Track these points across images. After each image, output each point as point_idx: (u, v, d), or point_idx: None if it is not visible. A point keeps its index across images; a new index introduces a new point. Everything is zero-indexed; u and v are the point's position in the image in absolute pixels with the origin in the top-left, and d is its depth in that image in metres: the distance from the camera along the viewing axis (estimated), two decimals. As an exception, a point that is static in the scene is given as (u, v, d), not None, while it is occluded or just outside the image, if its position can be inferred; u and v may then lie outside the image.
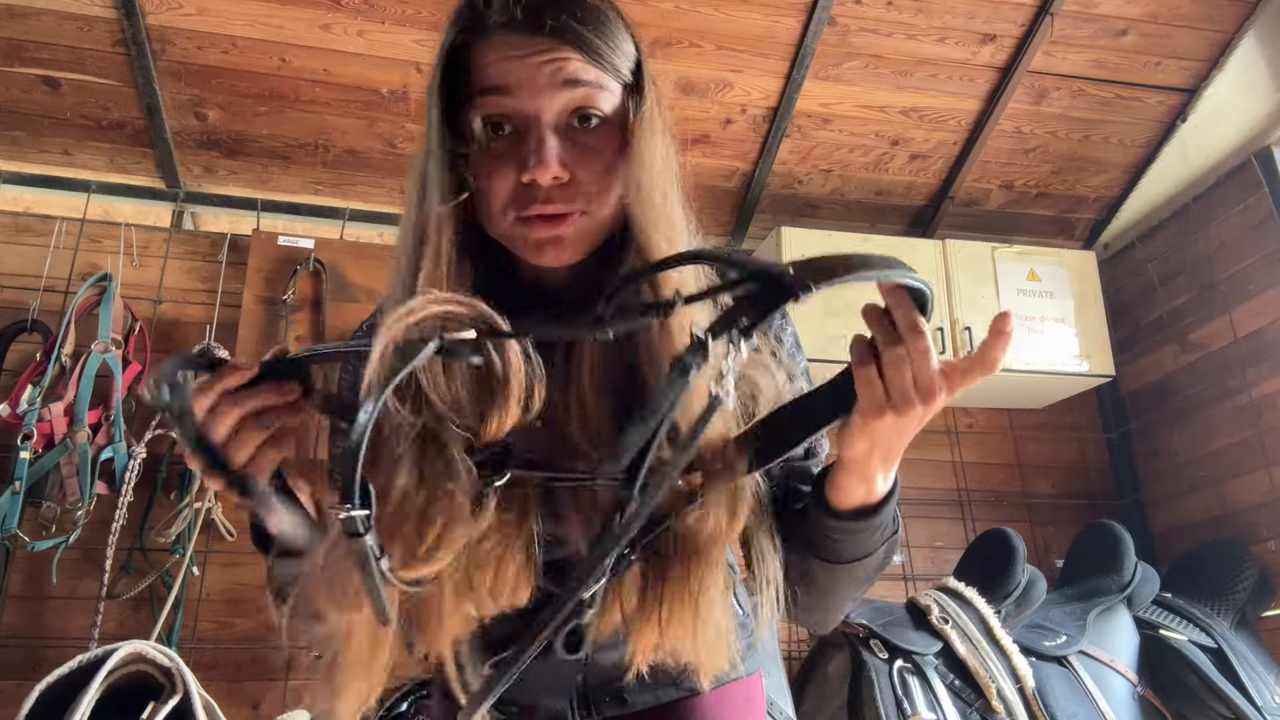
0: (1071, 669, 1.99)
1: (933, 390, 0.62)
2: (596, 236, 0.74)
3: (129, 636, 1.74)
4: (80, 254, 2.48)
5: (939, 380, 0.62)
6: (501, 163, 0.71)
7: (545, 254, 0.73)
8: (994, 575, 2.11)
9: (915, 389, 0.62)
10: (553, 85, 0.70)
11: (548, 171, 0.69)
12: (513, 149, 0.71)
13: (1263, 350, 2.53)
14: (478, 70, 0.71)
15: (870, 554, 0.74)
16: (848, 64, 2.57)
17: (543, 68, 0.70)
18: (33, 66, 2.32)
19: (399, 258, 0.75)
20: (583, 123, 0.72)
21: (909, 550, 2.79)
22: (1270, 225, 2.52)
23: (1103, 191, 3.02)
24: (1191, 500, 2.74)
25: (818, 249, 2.91)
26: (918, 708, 1.78)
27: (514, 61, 0.70)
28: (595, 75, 0.71)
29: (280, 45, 2.35)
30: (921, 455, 2.91)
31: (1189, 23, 2.56)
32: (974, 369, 0.62)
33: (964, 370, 0.63)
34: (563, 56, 0.70)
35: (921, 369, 0.62)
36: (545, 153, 0.69)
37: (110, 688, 1.41)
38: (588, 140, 0.72)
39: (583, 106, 0.71)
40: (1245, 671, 2.11)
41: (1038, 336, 2.71)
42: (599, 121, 0.72)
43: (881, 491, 0.71)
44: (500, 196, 0.71)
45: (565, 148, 0.71)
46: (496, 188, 0.71)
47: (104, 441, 2.18)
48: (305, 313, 2.52)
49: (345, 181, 2.71)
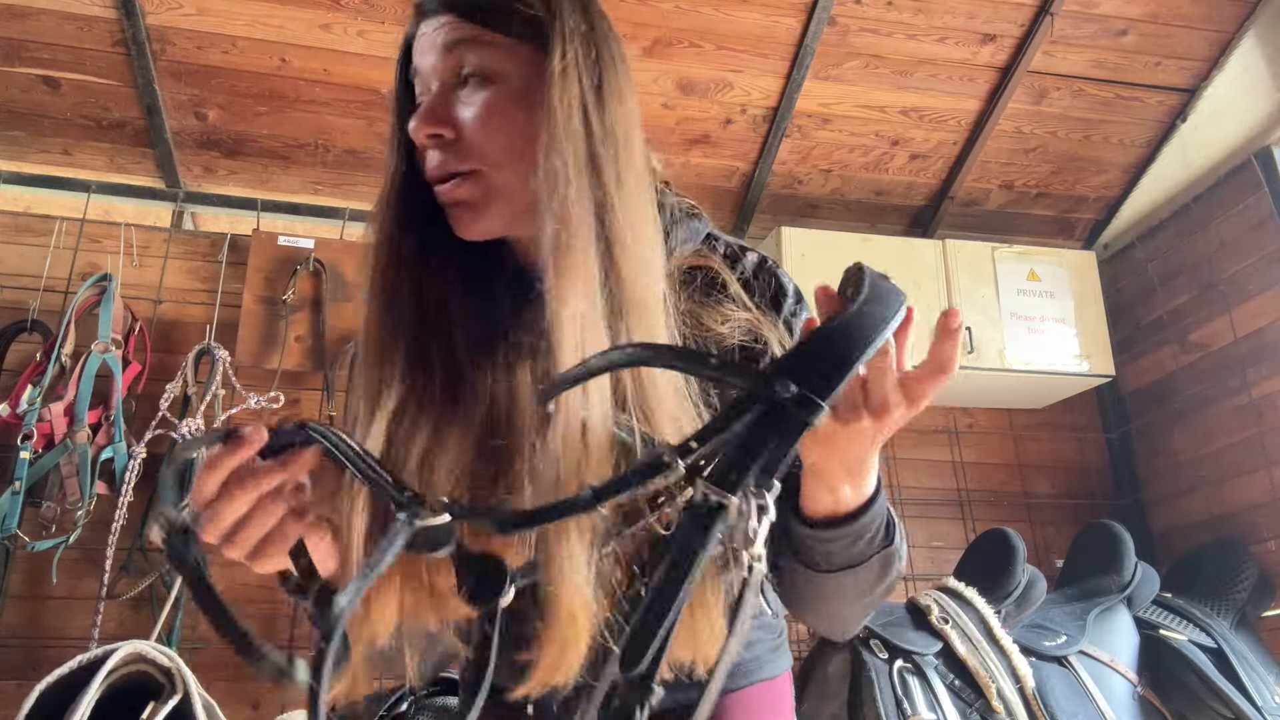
0: (1071, 669, 1.99)
1: (885, 407, 0.58)
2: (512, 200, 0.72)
3: (129, 636, 1.74)
4: (80, 254, 2.48)
5: (894, 396, 0.58)
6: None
7: (460, 224, 0.73)
8: (994, 575, 2.11)
9: (866, 405, 0.58)
10: (435, 49, 0.73)
11: (421, 129, 0.71)
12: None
13: (1263, 350, 2.52)
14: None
15: (856, 565, 0.69)
16: (848, 64, 2.57)
17: (435, 37, 0.73)
18: (33, 66, 2.32)
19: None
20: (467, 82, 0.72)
21: (909, 550, 2.78)
22: (1270, 225, 2.52)
23: (1103, 191, 3.02)
24: (1191, 500, 2.74)
25: (818, 249, 2.91)
26: (918, 708, 1.78)
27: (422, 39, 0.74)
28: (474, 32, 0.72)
29: (280, 45, 2.35)
30: (921, 455, 2.91)
31: (1189, 23, 2.56)
32: (930, 375, 0.58)
33: (920, 379, 0.58)
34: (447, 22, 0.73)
35: (875, 385, 0.58)
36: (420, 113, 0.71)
37: (110, 688, 1.41)
38: (476, 98, 0.71)
39: (462, 65, 0.72)
40: (1245, 671, 2.11)
41: (1038, 336, 2.71)
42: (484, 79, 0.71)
43: (851, 502, 0.66)
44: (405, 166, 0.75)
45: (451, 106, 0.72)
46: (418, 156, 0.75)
47: (104, 441, 2.18)
48: (305, 313, 2.52)
49: (345, 181, 2.71)
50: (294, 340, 2.47)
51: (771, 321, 0.78)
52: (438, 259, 0.75)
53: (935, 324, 0.58)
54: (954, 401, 2.96)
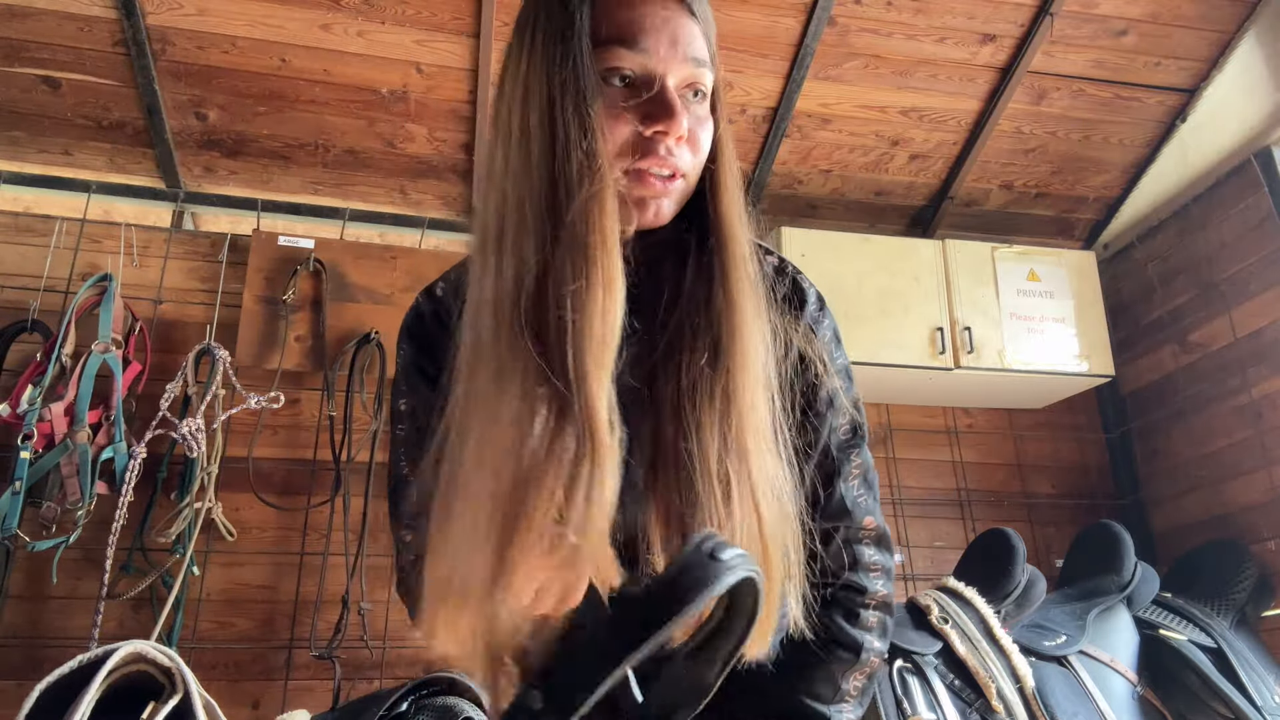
0: (1071, 669, 1.99)
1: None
2: (682, 202, 0.77)
3: (129, 636, 1.74)
4: (80, 254, 2.48)
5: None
6: (621, 109, 0.72)
7: (646, 211, 0.74)
8: (994, 575, 2.11)
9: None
10: (684, 57, 0.74)
11: (680, 128, 0.72)
12: (635, 99, 0.72)
13: (1263, 350, 2.52)
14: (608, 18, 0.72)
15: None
16: (848, 64, 2.58)
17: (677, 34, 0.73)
18: (33, 66, 2.32)
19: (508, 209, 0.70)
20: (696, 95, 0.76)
21: (909, 550, 2.79)
22: (1270, 225, 2.52)
23: (1102, 191, 3.02)
24: (1191, 500, 2.74)
25: (818, 249, 2.91)
26: (917, 707, 1.78)
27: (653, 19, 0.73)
28: (708, 53, 0.76)
29: (280, 45, 2.35)
30: (921, 455, 2.92)
31: (1189, 23, 2.56)
32: None
33: None
34: (691, 29, 0.75)
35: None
36: (679, 111, 0.72)
37: (110, 688, 1.41)
38: (696, 111, 0.75)
39: (697, 82, 0.75)
40: (1245, 671, 2.11)
41: (1038, 336, 2.71)
42: (702, 97, 0.76)
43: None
44: (615, 143, 0.71)
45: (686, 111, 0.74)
46: (613, 133, 0.71)
47: (104, 441, 2.18)
48: (305, 313, 2.52)
49: (345, 181, 2.71)
50: (294, 340, 2.47)
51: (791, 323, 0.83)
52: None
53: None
54: (954, 401, 2.96)
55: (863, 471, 0.87)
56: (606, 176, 0.68)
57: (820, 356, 0.84)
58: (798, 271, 0.88)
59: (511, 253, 0.67)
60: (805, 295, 0.87)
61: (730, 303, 0.73)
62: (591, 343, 0.63)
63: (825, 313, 0.88)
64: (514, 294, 0.66)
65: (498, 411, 0.63)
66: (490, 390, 0.65)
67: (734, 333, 0.72)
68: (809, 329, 0.85)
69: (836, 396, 0.85)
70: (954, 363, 2.62)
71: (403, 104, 2.51)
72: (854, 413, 0.87)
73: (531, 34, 0.73)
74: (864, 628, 0.83)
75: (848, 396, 0.86)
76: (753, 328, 0.74)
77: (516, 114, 0.72)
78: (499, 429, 0.63)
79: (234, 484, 2.35)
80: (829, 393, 0.84)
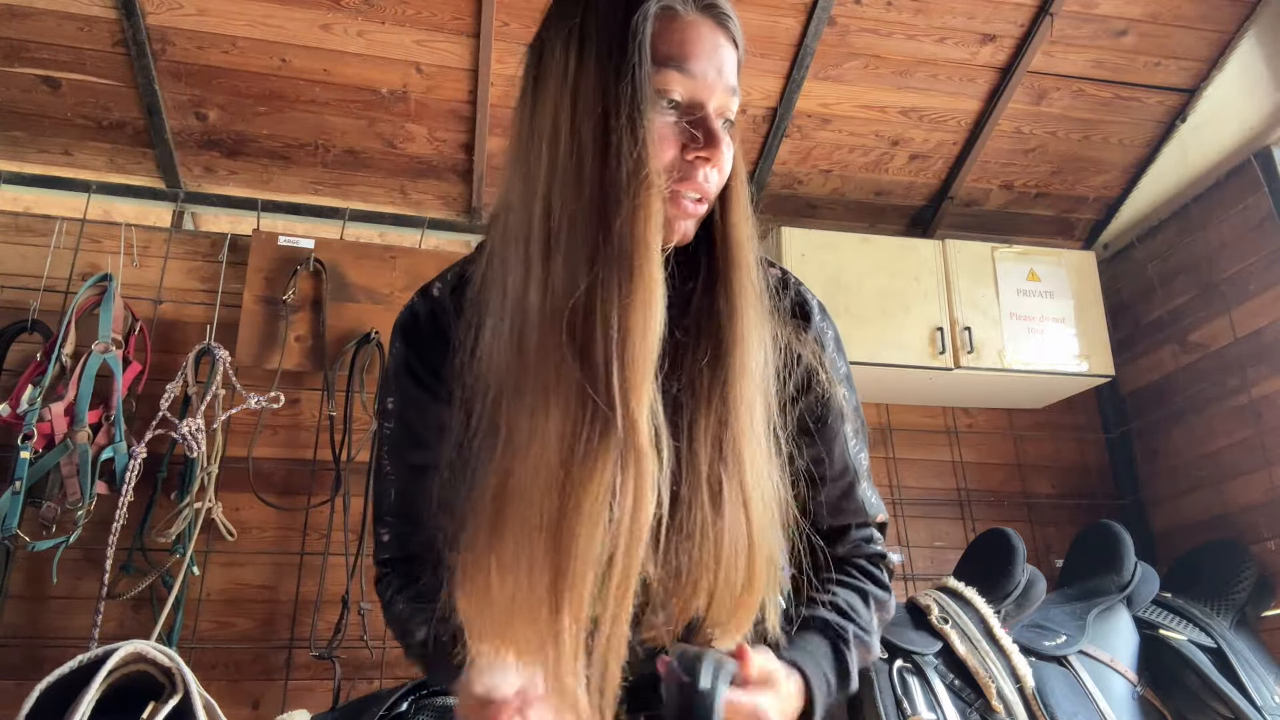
0: (1071, 669, 1.99)
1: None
2: (700, 222, 0.80)
3: (129, 636, 1.74)
4: (80, 254, 2.48)
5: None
6: (667, 131, 0.74)
7: (675, 231, 0.76)
8: (994, 575, 2.11)
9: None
10: (725, 86, 0.76)
11: (724, 158, 0.75)
12: (681, 121, 0.74)
13: (1263, 350, 2.53)
14: (665, 38, 0.74)
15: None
16: (848, 64, 2.58)
17: (723, 63, 0.76)
18: (33, 66, 2.32)
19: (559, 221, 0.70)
20: (726, 124, 0.77)
21: (909, 550, 2.79)
22: (1270, 225, 2.52)
23: (1102, 191, 3.02)
24: (1191, 500, 2.74)
25: (818, 249, 2.92)
26: (917, 707, 1.78)
27: (703, 47, 0.75)
28: (739, 85, 0.79)
29: (280, 45, 2.35)
30: (921, 455, 2.92)
31: (1189, 23, 2.56)
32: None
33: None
34: (732, 59, 0.77)
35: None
36: (722, 140, 0.74)
37: (110, 687, 1.41)
38: (726, 136, 0.77)
39: (730, 110, 0.78)
40: (1245, 671, 2.11)
41: (1038, 336, 2.71)
42: (730, 124, 0.79)
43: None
44: (659, 163, 0.72)
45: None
46: (659, 153, 0.72)
47: (104, 441, 2.18)
48: (305, 313, 2.52)
49: (345, 181, 2.71)
50: (294, 340, 2.47)
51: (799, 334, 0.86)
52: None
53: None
54: (954, 401, 2.96)
55: (868, 473, 0.93)
56: (656, 189, 0.69)
57: (827, 369, 0.86)
58: (799, 283, 0.91)
59: (564, 267, 0.68)
60: (810, 307, 0.90)
61: (733, 311, 0.76)
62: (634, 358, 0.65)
63: (829, 322, 0.92)
64: (563, 308, 0.67)
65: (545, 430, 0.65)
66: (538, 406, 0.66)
67: (735, 341, 0.74)
68: (816, 341, 0.87)
69: (844, 406, 0.88)
70: (954, 363, 2.62)
71: (403, 104, 2.51)
72: (857, 420, 0.92)
73: (581, 41, 0.73)
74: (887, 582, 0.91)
75: (850, 404, 0.90)
76: (753, 337, 0.76)
77: (565, 121, 0.72)
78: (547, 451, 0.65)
79: (234, 484, 2.35)
80: (839, 403, 0.88)
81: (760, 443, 0.74)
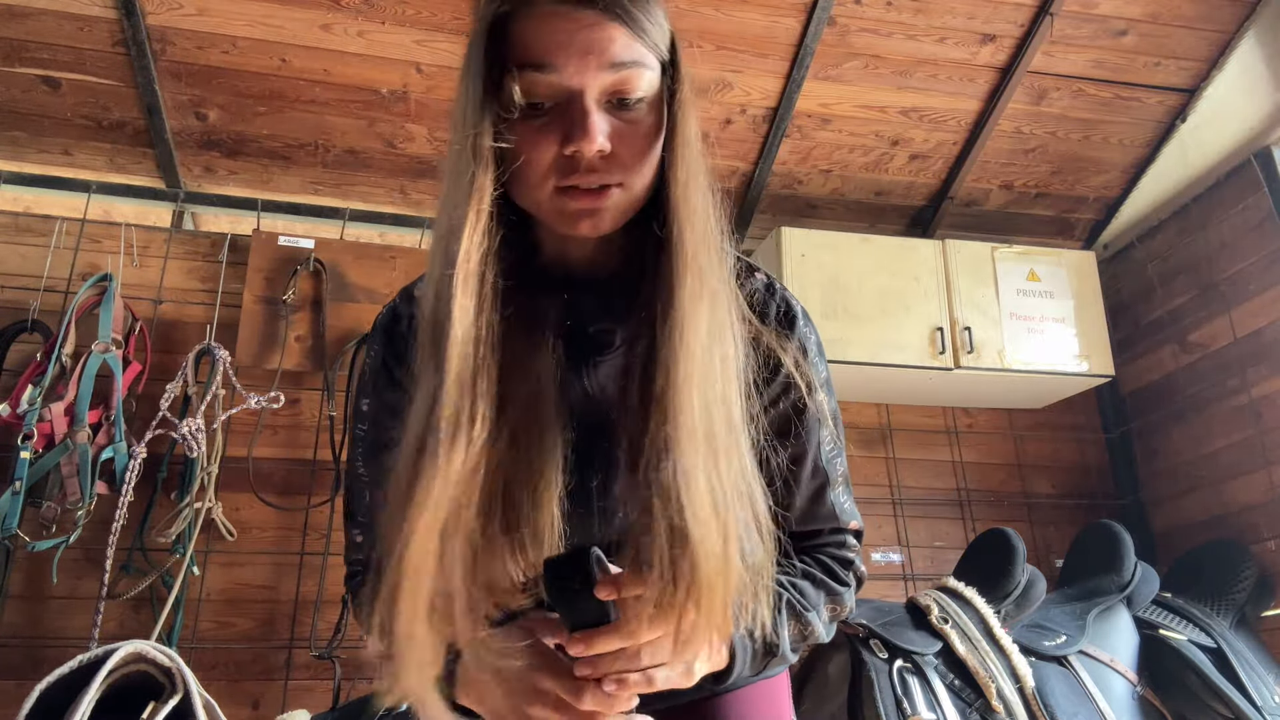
0: (1071, 669, 1.99)
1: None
2: (630, 210, 0.76)
3: (129, 636, 1.74)
4: (80, 254, 2.48)
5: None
6: (542, 133, 0.71)
7: (581, 225, 0.74)
8: (994, 575, 2.11)
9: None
10: (600, 65, 0.70)
11: (593, 145, 0.69)
12: (555, 120, 0.71)
13: (1263, 350, 2.53)
14: (521, 42, 0.71)
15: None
16: (848, 64, 2.58)
17: (590, 44, 0.70)
18: (33, 66, 2.32)
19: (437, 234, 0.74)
20: (623, 101, 0.72)
21: (909, 550, 2.79)
22: (1270, 225, 2.52)
23: (1102, 191, 3.02)
24: (1191, 500, 2.74)
25: (818, 249, 2.91)
26: (917, 707, 1.78)
27: (561, 35, 0.70)
28: (638, 53, 0.72)
29: (280, 45, 2.35)
30: (921, 455, 2.92)
31: (1189, 23, 2.56)
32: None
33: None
34: (609, 34, 0.70)
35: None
36: (591, 127, 0.69)
37: (110, 687, 1.41)
38: (628, 116, 0.73)
39: (625, 88, 0.71)
40: (1245, 671, 2.11)
41: (1038, 336, 2.71)
42: (638, 100, 0.73)
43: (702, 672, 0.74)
44: (540, 166, 0.71)
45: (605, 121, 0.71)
46: (536, 158, 0.71)
47: (104, 441, 2.18)
48: (305, 313, 2.52)
49: (345, 181, 2.71)
50: (294, 340, 2.47)
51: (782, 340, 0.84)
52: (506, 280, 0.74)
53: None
54: (954, 401, 2.96)
55: (845, 479, 0.91)
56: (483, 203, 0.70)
57: (807, 374, 0.85)
58: (784, 289, 0.89)
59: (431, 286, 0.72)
60: (794, 313, 0.88)
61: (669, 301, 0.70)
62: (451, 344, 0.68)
63: (811, 328, 0.90)
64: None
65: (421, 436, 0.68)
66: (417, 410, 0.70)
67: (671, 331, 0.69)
68: (799, 348, 0.86)
69: (821, 411, 0.87)
70: (954, 363, 2.62)
71: (403, 104, 2.51)
72: (833, 426, 0.90)
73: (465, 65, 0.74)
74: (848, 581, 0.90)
75: (829, 409, 0.88)
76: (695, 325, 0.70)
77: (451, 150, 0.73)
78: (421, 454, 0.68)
79: (234, 484, 2.35)
80: (815, 408, 0.86)
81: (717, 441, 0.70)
